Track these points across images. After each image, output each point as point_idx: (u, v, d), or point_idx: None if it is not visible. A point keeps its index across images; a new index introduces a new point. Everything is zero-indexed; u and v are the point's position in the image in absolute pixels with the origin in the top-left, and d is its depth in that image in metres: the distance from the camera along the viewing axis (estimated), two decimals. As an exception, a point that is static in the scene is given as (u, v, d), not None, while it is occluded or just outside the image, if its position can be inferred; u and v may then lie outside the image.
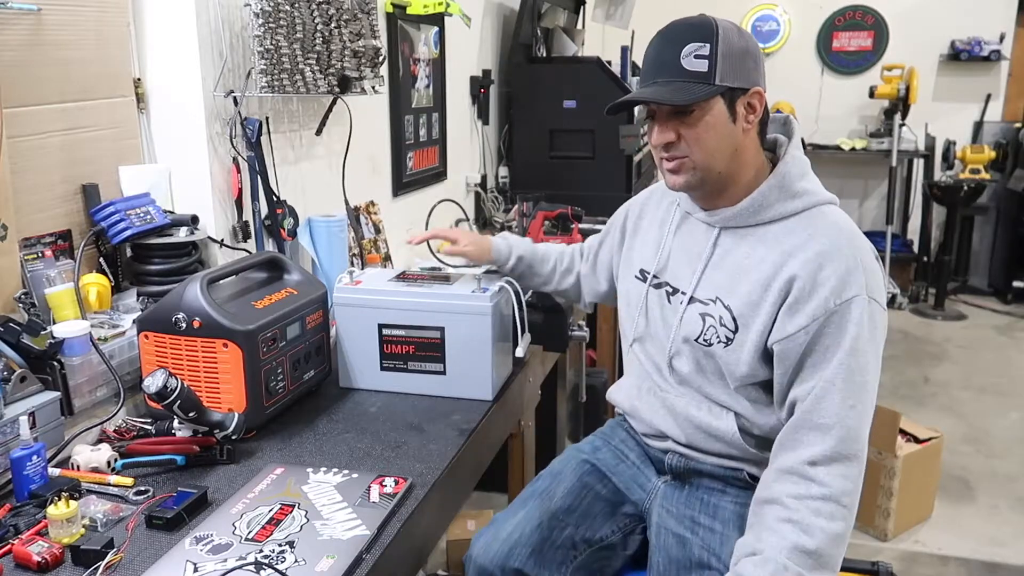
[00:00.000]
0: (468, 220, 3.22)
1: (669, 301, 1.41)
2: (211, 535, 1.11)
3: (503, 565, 1.40)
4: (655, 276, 1.44)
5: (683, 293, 1.38)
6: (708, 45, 1.23)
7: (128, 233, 1.59)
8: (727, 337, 1.30)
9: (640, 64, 1.42)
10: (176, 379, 1.30)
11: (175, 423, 1.38)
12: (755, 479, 1.33)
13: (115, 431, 1.42)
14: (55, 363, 1.36)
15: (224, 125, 1.82)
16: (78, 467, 1.28)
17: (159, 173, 1.76)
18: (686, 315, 1.36)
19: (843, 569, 2.17)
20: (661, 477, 1.47)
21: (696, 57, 1.23)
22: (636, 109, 3.75)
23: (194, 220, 1.73)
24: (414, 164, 2.87)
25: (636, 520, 1.49)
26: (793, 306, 1.22)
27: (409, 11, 2.62)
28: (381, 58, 2.13)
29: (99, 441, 1.40)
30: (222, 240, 1.83)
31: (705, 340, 1.33)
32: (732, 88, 1.25)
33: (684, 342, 1.37)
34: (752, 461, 1.36)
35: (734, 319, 1.29)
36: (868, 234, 6.00)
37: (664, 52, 1.27)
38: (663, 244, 1.45)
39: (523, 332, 1.71)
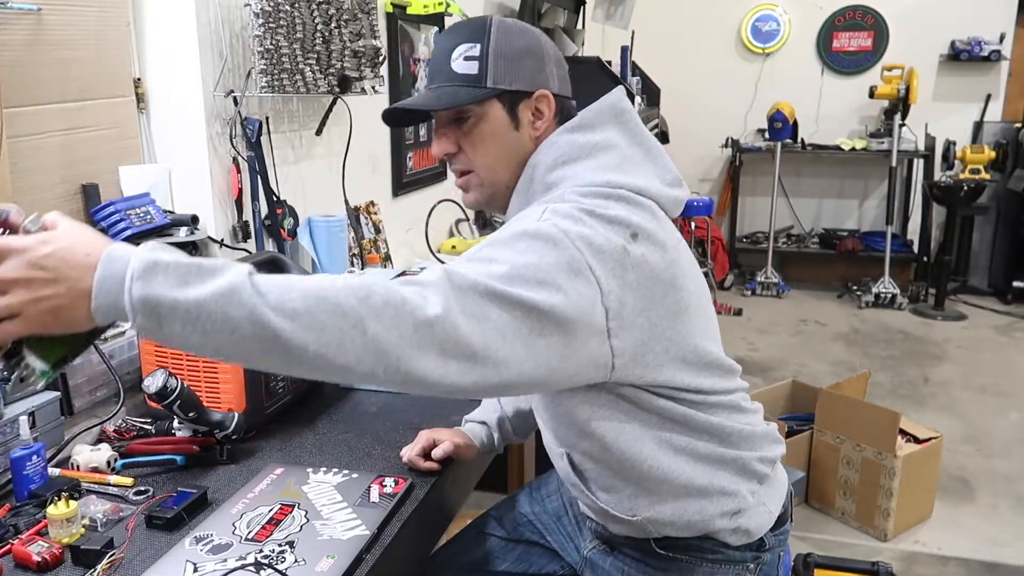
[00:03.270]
0: (468, 220, 3.21)
1: None
2: (211, 535, 1.11)
3: None
4: None
5: None
6: (478, 45, 1.12)
7: (128, 233, 1.59)
8: None
9: (639, 65, 1.39)
10: (176, 379, 1.30)
11: (175, 423, 1.38)
12: (668, 548, 1.22)
13: (115, 431, 1.42)
14: (55, 363, 1.36)
15: (224, 125, 1.82)
16: (78, 467, 1.28)
17: (159, 173, 1.76)
18: None
19: (843, 569, 2.19)
20: (593, 540, 1.33)
21: (466, 59, 1.12)
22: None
23: (194, 220, 1.72)
24: (414, 164, 2.87)
25: None
26: None
27: (409, 11, 2.62)
28: (381, 58, 2.13)
29: (99, 441, 1.40)
30: (222, 240, 1.83)
31: None
32: (511, 91, 1.13)
33: None
34: (624, 521, 1.20)
35: None
36: (868, 234, 5.98)
37: (437, 55, 1.16)
38: None
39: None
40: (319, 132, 2.18)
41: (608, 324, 1.01)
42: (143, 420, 1.47)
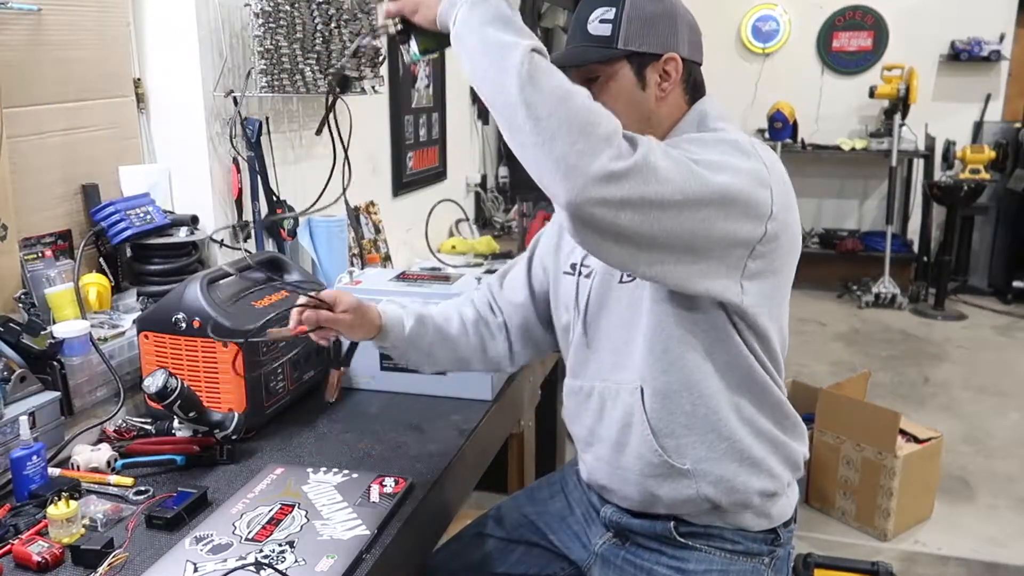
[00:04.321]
0: (468, 220, 3.22)
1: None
2: (211, 535, 1.11)
3: None
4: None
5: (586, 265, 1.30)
6: (614, 9, 1.18)
7: (128, 233, 1.59)
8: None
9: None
10: (176, 379, 1.30)
11: (175, 423, 1.38)
12: (687, 536, 1.24)
13: (115, 431, 1.42)
14: (55, 363, 1.36)
15: (224, 125, 1.82)
16: (78, 467, 1.28)
17: (159, 173, 1.76)
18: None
19: (843, 569, 2.19)
20: (604, 535, 1.34)
21: (601, 22, 1.19)
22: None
23: (194, 220, 1.73)
24: (414, 164, 2.87)
25: None
26: None
27: (409, 11, 2.61)
28: (381, 58, 2.13)
29: (99, 441, 1.40)
30: (222, 240, 1.83)
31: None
32: (639, 53, 1.19)
33: (598, 293, 1.26)
34: (671, 470, 1.20)
35: None
36: (868, 234, 5.91)
37: (577, 18, 1.23)
38: None
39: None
40: (319, 132, 2.18)
41: (757, 244, 1.08)
42: (143, 420, 1.47)
